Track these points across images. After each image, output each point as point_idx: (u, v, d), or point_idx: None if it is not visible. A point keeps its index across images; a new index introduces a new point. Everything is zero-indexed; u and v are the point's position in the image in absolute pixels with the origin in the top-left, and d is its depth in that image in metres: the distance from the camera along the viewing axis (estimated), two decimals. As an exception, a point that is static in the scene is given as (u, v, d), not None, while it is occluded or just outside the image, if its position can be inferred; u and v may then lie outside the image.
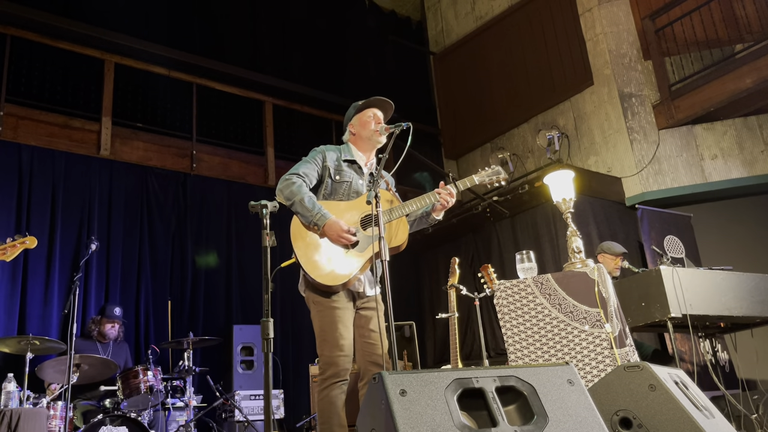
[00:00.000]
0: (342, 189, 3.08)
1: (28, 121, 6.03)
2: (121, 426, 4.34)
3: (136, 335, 6.03)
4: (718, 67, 6.79)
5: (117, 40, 6.67)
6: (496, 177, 3.18)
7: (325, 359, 2.83)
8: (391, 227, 2.97)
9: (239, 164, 7.42)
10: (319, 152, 3.15)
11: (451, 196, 3.04)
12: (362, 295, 3.00)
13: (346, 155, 3.16)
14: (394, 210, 2.96)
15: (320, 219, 2.88)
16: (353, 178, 3.11)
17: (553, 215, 6.78)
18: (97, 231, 5.95)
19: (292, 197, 2.92)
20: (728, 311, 4.17)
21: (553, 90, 7.99)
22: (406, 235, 2.98)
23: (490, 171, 3.19)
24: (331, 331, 2.84)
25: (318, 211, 2.89)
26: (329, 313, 2.87)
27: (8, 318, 5.34)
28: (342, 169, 3.10)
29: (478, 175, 3.17)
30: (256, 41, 8.20)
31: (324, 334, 2.86)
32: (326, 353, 2.83)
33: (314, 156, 3.13)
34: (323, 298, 2.90)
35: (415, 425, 1.74)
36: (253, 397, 5.87)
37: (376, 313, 2.98)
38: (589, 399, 2.00)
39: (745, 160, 6.88)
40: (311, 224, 2.89)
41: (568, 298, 3.23)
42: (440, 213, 3.12)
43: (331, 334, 2.84)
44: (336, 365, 2.80)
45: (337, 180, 3.08)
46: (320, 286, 2.87)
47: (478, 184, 3.16)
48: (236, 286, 6.83)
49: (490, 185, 3.21)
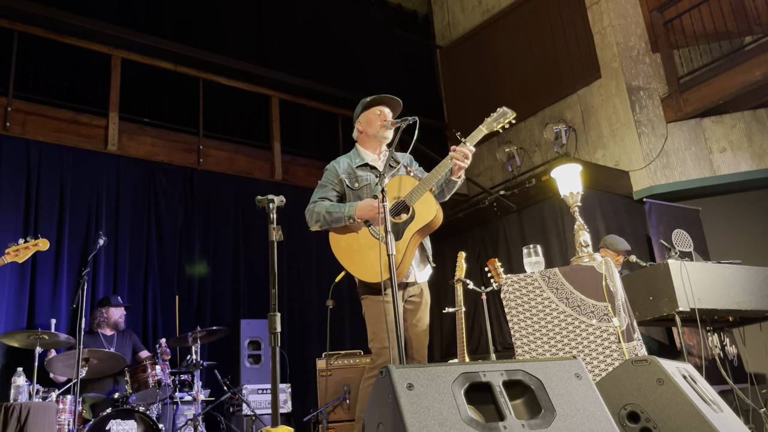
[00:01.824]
0: (365, 193, 3.14)
1: (36, 116, 6.05)
2: (130, 420, 4.37)
3: (144, 330, 6.05)
4: (727, 59, 6.73)
5: (123, 35, 6.68)
6: (503, 119, 3.13)
7: (375, 351, 2.96)
8: (417, 208, 3.00)
9: (246, 159, 7.43)
10: (330, 169, 3.22)
11: (465, 156, 3.03)
12: (412, 284, 3.10)
13: (356, 161, 3.20)
14: (416, 190, 3.00)
15: (350, 209, 2.99)
16: (371, 179, 3.17)
17: (560, 209, 6.75)
18: (105, 226, 5.98)
19: (319, 216, 3.05)
20: (737, 305, 4.15)
21: (560, 83, 7.95)
22: (434, 210, 3.00)
23: (496, 115, 3.15)
24: (378, 324, 2.95)
25: (345, 206, 3.02)
26: (377, 306, 2.97)
27: (18, 312, 5.37)
28: (356, 175, 3.16)
29: (485, 123, 3.14)
30: (262, 36, 8.19)
31: (373, 327, 2.99)
32: (376, 345, 2.96)
33: (327, 176, 3.22)
34: (374, 294, 3.00)
35: (422, 419, 1.75)
36: (260, 391, 5.89)
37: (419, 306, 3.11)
38: (596, 393, 2.00)
39: (754, 153, 6.83)
40: (347, 219, 2.99)
41: (576, 292, 3.22)
42: (459, 173, 3.10)
43: (378, 327, 2.95)
44: (384, 357, 2.90)
45: (356, 187, 3.15)
46: (371, 285, 2.97)
47: (487, 132, 3.13)
48: (243, 280, 6.85)
49: (500, 129, 3.15)
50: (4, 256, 3.74)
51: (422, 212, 2.99)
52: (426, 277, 3.18)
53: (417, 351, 3.07)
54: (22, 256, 3.74)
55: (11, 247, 3.70)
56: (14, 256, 3.71)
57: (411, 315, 3.08)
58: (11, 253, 3.69)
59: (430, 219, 2.98)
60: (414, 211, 2.99)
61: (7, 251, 3.68)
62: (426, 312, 3.16)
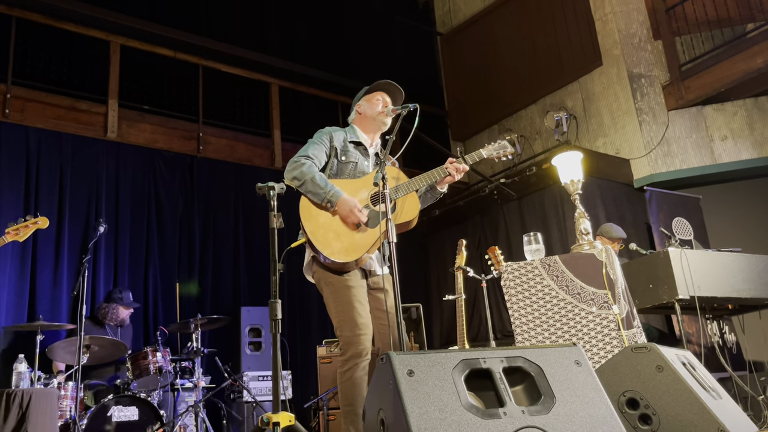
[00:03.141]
0: (348, 169, 3.08)
1: (35, 103, 6.03)
2: (131, 406, 4.40)
3: (145, 317, 6.07)
4: (729, 46, 6.70)
5: (122, 22, 6.64)
6: (503, 151, 3.18)
7: (345, 339, 2.80)
8: (400, 203, 2.97)
9: (246, 146, 7.41)
10: (326, 133, 3.14)
11: (459, 171, 3.03)
12: (373, 274, 2.99)
13: (351, 137, 3.16)
14: (401, 186, 2.96)
15: (333, 196, 2.88)
16: (359, 158, 3.12)
17: (560, 197, 6.75)
18: (105, 213, 5.98)
19: (302, 177, 2.92)
20: (736, 293, 4.16)
21: (561, 71, 7.92)
22: (416, 212, 2.97)
23: (497, 145, 3.19)
24: (348, 311, 2.81)
25: (331, 188, 2.89)
26: (344, 292, 2.85)
27: (18, 299, 5.38)
28: (348, 149, 3.11)
29: (485, 149, 3.17)
30: (262, 23, 8.15)
31: (341, 314, 2.83)
32: (346, 333, 2.80)
33: (321, 137, 3.12)
34: (337, 276, 2.88)
35: (422, 405, 1.75)
36: (261, 378, 5.92)
37: (388, 294, 2.95)
38: (596, 380, 2.01)
39: (755, 141, 6.81)
40: (324, 201, 2.89)
41: (576, 279, 3.23)
42: (444, 185, 3.10)
43: (348, 314, 2.81)
44: (356, 344, 2.77)
45: (344, 161, 3.09)
46: (333, 264, 2.85)
47: (486, 157, 3.16)
48: (244, 267, 6.86)
49: (497, 159, 3.19)
50: (4, 236, 3.73)
51: (404, 209, 2.96)
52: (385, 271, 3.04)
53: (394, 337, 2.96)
54: (22, 234, 3.73)
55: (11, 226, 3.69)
56: (14, 235, 3.70)
57: (381, 303, 2.96)
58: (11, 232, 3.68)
59: (410, 219, 2.95)
60: (396, 206, 2.95)
61: (7, 231, 3.67)
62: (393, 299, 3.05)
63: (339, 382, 2.83)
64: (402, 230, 2.96)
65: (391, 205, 2.91)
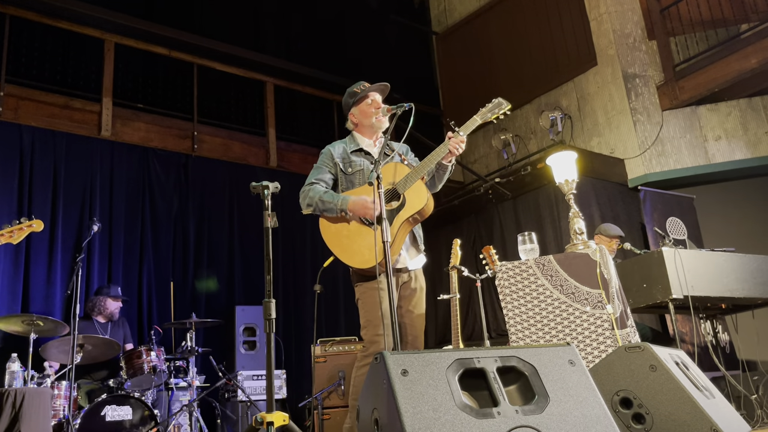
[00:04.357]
0: (357, 178, 3.15)
1: (29, 101, 6.00)
2: (125, 405, 4.39)
3: (139, 316, 6.05)
4: (723, 47, 6.72)
5: (117, 20, 6.61)
6: (498, 110, 3.14)
7: (368, 339, 2.94)
8: (407, 195, 2.99)
9: (241, 145, 7.39)
10: (325, 153, 3.23)
11: (460, 143, 3.04)
12: (404, 270, 3.08)
13: (351, 146, 3.22)
14: (408, 178, 3.00)
15: (343, 202, 2.98)
16: (365, 164, 3.17)
17: (555, 197, 6.76)
18: (99, 212, 5.96)
19: (312, 201, 3.04)
20: (730, 293, 4.18)
21: (556, 70, 7.93)
22: (425, 199, 2.99)
23: (491, 105, 3.16)
24: (373, 311, 2.93)
25: (338, 197, 3.01)
26: (371, 294, 2.96)
27: (12, 298, 5.36)
28: (351, 160, 3.17)
29: (479, 113, 3.15)
30: (257, 21, 8.13)
31: (367, 314, 2.97)
32: (370, 332, 2.94)
33: (321, 159, 3.22)
34: (367, 282, 2.99)
35: (416, 405, 1.75)
36: (255, 377, 5.91)
37: (414, 293, 3.09)
38: (590, 379, 2.01)
39: (749, 142, 6.84)
40: (339, 212, 2.99)
41: (570, 279, 3.23)
42: (450, 158, 3.10)
43: (373, 314, 2.93)
44: (377, 345, 2.88)
45: (350, 172, 3.16)
46: (362, 272, 2.96)
47: (481, 122, 3.14)
48: (238, 267, 6.85)
49: (495, 119, 3.15)
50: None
51: (413, 200, 2.98)
52: (419, 264, 3.17)
53: (414, 338, 3.06)
54: (16, 237, 3.72)
55: (5, 229, 3.68)
56: (8, 237, 3.68)
57: (406, 302, 3.07)
58: (5, 234, 3.66)
59: (421, 207, 2.97)
60: (405, 199, 2.98)
61: (0, 233, 3.66)
62: (421, 298, 3.15)
63: (353, 377, 2.96)
64: (418, 220, 3.05)
65: (399, 200, 2.98)
